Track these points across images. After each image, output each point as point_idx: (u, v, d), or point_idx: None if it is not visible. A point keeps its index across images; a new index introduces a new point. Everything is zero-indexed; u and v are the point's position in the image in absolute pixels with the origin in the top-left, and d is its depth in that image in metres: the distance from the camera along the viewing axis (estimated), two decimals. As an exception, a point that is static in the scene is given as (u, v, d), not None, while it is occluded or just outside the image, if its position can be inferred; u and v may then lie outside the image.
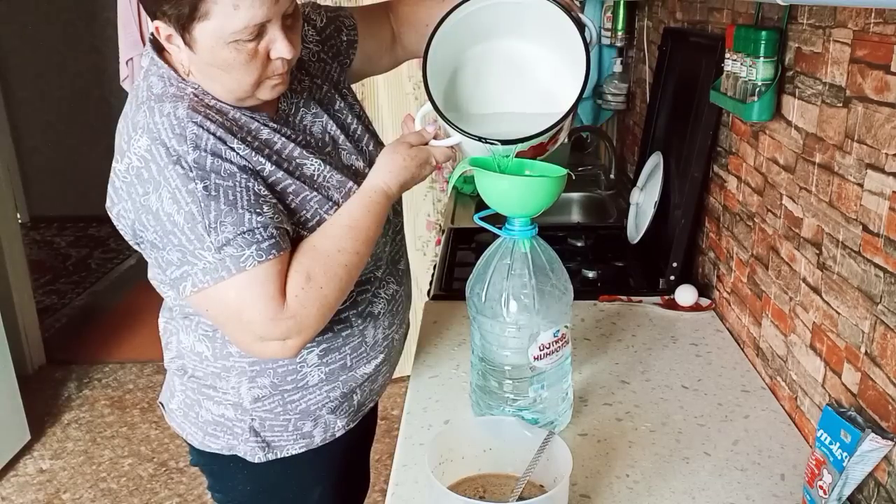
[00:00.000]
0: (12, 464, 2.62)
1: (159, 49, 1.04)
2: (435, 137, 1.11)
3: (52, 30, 5.00)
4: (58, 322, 3.78)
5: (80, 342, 3.55)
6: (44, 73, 5.08)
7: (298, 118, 1.13)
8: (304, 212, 1.04)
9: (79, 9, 4.93)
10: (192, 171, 0.94)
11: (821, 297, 1.08)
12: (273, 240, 0.97)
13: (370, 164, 1.13)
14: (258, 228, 0.96)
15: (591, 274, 1.76)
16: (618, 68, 2.56)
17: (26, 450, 2.70)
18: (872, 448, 0.87)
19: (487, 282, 1.07)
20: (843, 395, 1.02)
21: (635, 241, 1.83)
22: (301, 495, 1.23)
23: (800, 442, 1.13)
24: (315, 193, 1.05)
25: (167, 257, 0.97)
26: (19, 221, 3.48)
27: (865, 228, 0.95)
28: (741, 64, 1.26)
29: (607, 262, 1.83)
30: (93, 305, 3.99)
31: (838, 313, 1.03)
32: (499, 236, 1.08)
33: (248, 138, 1.02)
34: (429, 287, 1.76)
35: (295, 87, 1.13)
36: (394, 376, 1.34)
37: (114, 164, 1.00)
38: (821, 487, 0.92)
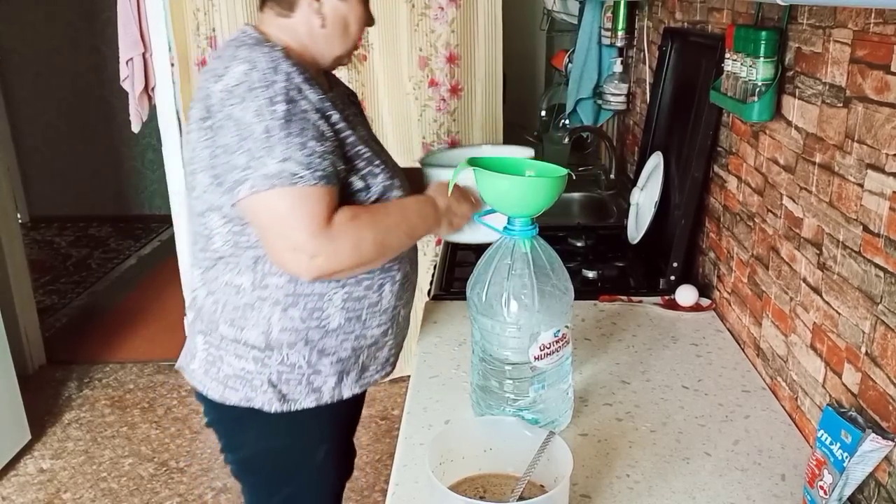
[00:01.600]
0: (12, 464, 2.62)
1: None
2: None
3: (52, 30, 5.00)
4: (58, 322, 3.77)
5: (80, 342, 3.55)
6: (44, 73, 5.08)
7: (340, 103, 1.30)
8: (358, 161, 1.20)
9: (79, 9, 4.93)
10: (278, 96, 1.10)
11: (821, 297, 1.08)
12: (326, 171, 1.11)
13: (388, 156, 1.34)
14: (317, 157, 1.10)
15: (591, 274, 1.76)
16: (618, 68, 2.56)
17: (27, 450, 2.70)
18: (873, 448, 0.87)
19: (488, 282, 1.07)
20: (843, 395, 1.02)
21: (635, 241, 1.83)
22: (309, 452, 1.34)
23: (800, 442, 1.13)
24: (366, 148, 1.22)
25: (234, 161, 1.10)
26: (19, 221, 3.48)
27: (866, 228, 0.95)
28: (741, 64, 1.26)
29: (607, 262, 1.83)
30: (93, 305, 3.98)
31: (839, 313, 1.03)
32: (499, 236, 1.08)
33: (322, 91, 1.19)
34: (429, 287, 1.76)
35: (339, 94, 1.35)
36: (394, 376, 1.36)
37: (211, 86, 1.14)
38: (821, 488, 0.92)
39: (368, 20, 1.27)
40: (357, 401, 1.44)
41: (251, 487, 1.41)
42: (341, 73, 2.65)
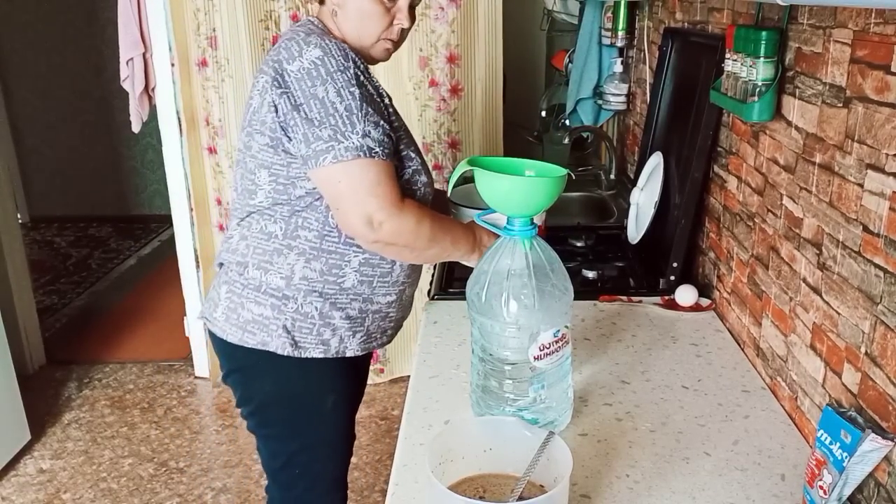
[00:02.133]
0: (12, 464, 2.62)
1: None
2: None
3: (52, 30, 5.00)
4: (58, 322, 3.78)
5: (80, 342, 3.55)
6: (44, 73, 5.08)
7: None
8: (400, 144, 1.33)
9: (79, 9, 4.93)
10: (353, 80, 1.24)
11: (821, 297, 1.08)
12: (390, 150, 1.27)
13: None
14: (386, 136, 1.26)
15: (591, 274, 1.76)
16: (618, 68, 2.56)
17: (26, 450, 2.70)
18: (872, 448, 0.87)
19: (487, 282, 1.07)
20: (843, 395, 1.02)
21: (635, 241, 1.83)
22: (319, 399, 1.44)
23: (800, 442, 1.13)
24: (404, 133, 1.36)
25: (319, 133, 1.23)
26: (19, 221, 3.48)
27: (865, 228, 0.95)
28: (741, 64, 1.26)
29: (607, 262, 1.83)
30: (93, 305, 3.98)
31: (838, 313, 1.03)
32: (499, 236, 1.08)
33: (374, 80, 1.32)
34: (429, 287, 1.76)
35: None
36: (394, 376, 1.37)
37: (286, 65, 1.25)
38: (821, 487, 0.92)
39: (382, 12, 1.31)
40: (360, 375, 1.57)
41: (265, 441, 1.50)
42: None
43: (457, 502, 0.85)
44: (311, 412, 1.44)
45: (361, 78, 1.26)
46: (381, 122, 1.25)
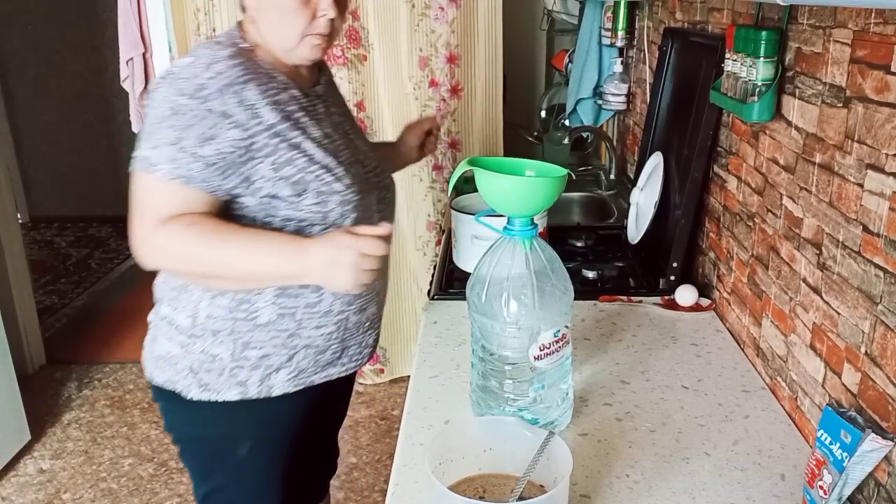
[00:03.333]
0: (12, 464, 2.62)
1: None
2: None
3: (52, 30, 4.99)
4: (58, 322, 3.77)
5: (80, 342, 3.55)
6: (44, 73, 5.07)
7: (326, 102, 1.31)
8: (290, 167, 1.16)
9: (79, 9, 4.93)
10: (189, 89, 1.10)
11: (821, 297, 1.08)
12: (189, 174, 1.10)
13: (370, 165, 1.34)
14: (186, 155, 1.09)
15: (591, 274, 1.76)
16: (618, 68, 2.56)
17: (26, 450, 2.70)
18: (872, 448, 0.87)
19: (487, 282, 1.07)
20: (843, 395, 1.02)
21: (635, 242, 1.83)
22: (229, 444, 1.31)
23: (800, 442, 1.13)
24: (300, 154, 1.17)
25: (139, 139, 1.13)
26: (19, 221, 3.48)
27: (865, 228, 0.95)
28: (741, 64, 1.26)
29: (607, 262, 1.83)
30: (93, 305, 3.98)
31: (838, 313, 1.03)
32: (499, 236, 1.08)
33: (271, 92, 1.16)
34: (429, 287, 1.76)
35: (331, 89, 1.37)
36: (394, 376, 1.36)
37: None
38: (821, 487, 0.92)
39: (300, 5, 1.17)
40: (330, 397, 1.42)
41: (189, 472, 1.41)
42: (341, 73, 2.66)
43: (457, 502, 0.86)
44: (223, 457, 1.32)
45: (207, 91, 1.09)
46: (190, 141, 1.09)
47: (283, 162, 1.16)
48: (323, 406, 1.42)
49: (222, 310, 1.21)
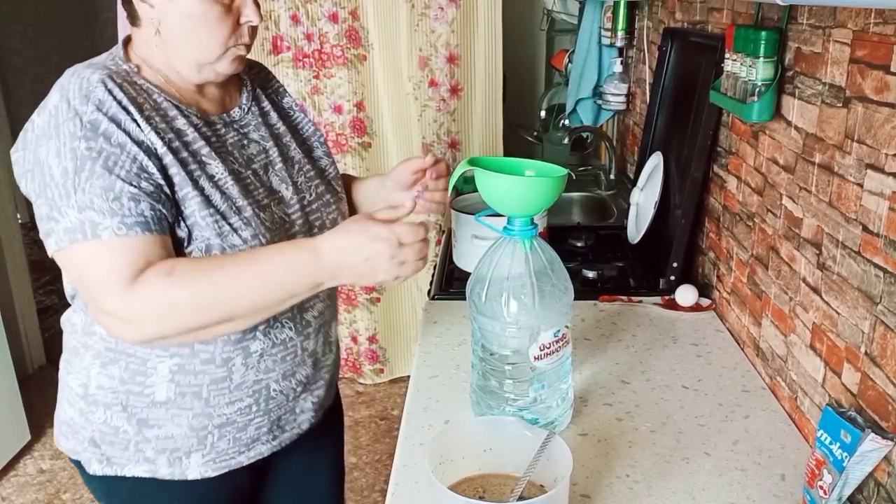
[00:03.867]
0: (12, 464, 2.62)
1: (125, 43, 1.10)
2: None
3: (52, 30, 5.00)
4: (58, 322, 3.77)
5: (80, 342, 3.55)
6: (44, 74, 5.07)
7: (243, 129, 1.12)
8: (184, 207, 1.00)
9: (79, 9, 4.93)
10: (81, 130, 0.94)
11: (821, 297, 1.08)
12: (141, 217, 0.94)
13: (298, 197, 1.13)
14: (126, 200, 0.93)
15: (591, 274, 1.76)
16: (618, 68, 2.56)
17: (26, 450, 2.70)
18: (872, 448, 0.87)
19: (488, 282, 1.07)
20: (843, 395, 1.02)
21: (635, 242, 1.83)
22: None
23: (800, 442, 1.13)
24: (196, 192, 0.99)
25: (39, 211, 0.96)
26: (19, 221, 3.48)
27: (865, 228, 0.95)
28: (741, 64, 1.26)
29: (607, 262, 1.83)
30: (93, 305, 3.98)
31: (838, 313, 1.03)
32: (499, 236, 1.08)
33: (157, 118, 1.00)
34: (429, 287, 1.76)
35: (252, 104, 1.16)
36: (394, 376, 1.33)
37: (34, 115, 1.00)
38: (821, 487, 0.92)
39: (222, 13, 1.01)
40: (251, 477, 1.17)
41: None
42: (341, 73, 2.66)
43: (457, 502, 0.86)
44: None
45: (102, 125, 0.94)
46: (119, 183, 0.93)
47: (179, 197, 0.99)
48: (282, 482, 1.26)
49: (114, 380, 1.05)
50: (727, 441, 1.13)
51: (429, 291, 1.73)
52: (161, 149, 0.98)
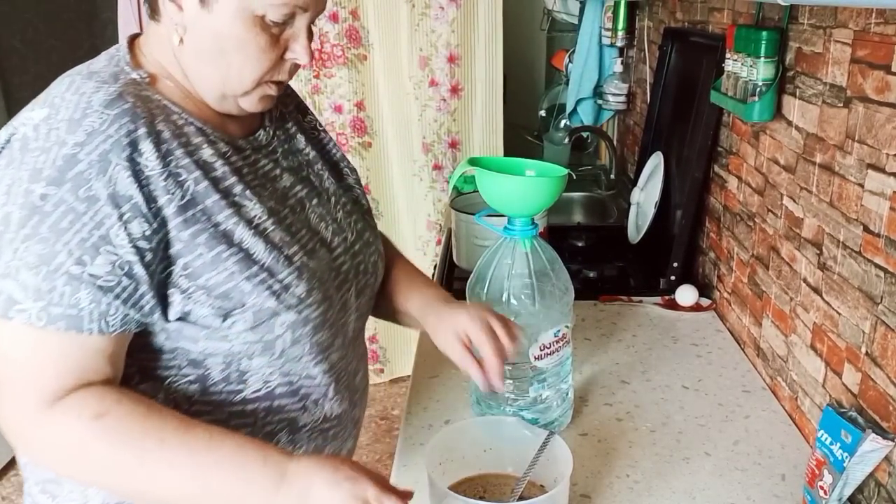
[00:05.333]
0: (12, 464, 2.62)
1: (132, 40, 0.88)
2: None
3: (52, 30, 5.00)
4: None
5: (80, 342, 3.55)
6: (44, 74, 5.07)
7: (272, 155, 0.91)
8: (215, 272, 0.77)
9: (79, 9, 4.93)
10: (48, 169, 0.72)
11: (821, 297, 1.08)
12: (74, 310, 0.71)
13: (341, 237, 0.93)
14: (63, 281, 0.70)
15: (591, 274, 1.76)
16: (618, 68, 2.56)
17: (26, 449, 2.70)
18: (873, 448, 0.87)
19: (488, 281, 1.07)
20: (843, 395, 1.02)
21: (636, 242, 1.83)
22: None
23: (800, 442, 1.13)
24: (232, 251, 0.78)
25: None
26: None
27: (866, 229, 0.95)
28: (742, 64, 1.26)
29: (608, 262, 1.83)
30: (93, 305, 3.98)
31: (839, 313, 1.03)
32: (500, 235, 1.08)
33: (178, 153, 0.77)
34: (429, 287, 1.75)
35: (275, 124, 0.95)
36: (394, 376, 1.32)
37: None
38: (821, 488, 0.92)
39: (268, 44, 0.80)
40: None
41: None
42: (341, 73, 2.66)
43: (457, 502, 0.85)
44: None
45: (78, 166, 0.71)
46: (61, 253, 0.70)
47: (204, 264, 0.77)
48: None
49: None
50: (727, 441, 1.13)
51: (429, 291, 1.73)
52: (170, 207, 0.75)
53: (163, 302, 0.76)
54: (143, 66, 0.84)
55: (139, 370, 0.80)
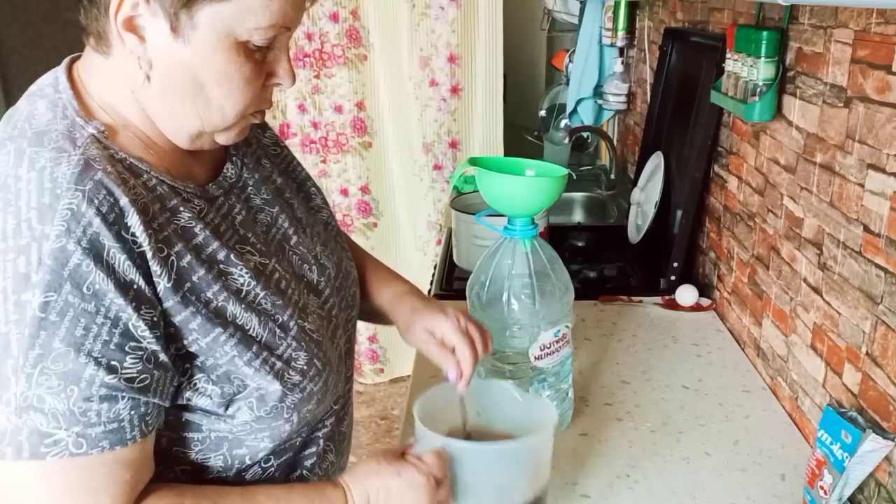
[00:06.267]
0: None
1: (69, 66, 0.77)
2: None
3: (52, 30, 5.00)
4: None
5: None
6: (43, 73, 5.07)
7: (243, 194, 0.81)
8: (211, 357, 0.69)
9: (79, 9, 4.93)
10: (38, 272, 0.59)
11: (821, 297, 1.08)
12: (115, 424, 0.62)
13: (325, 276, 0.86)
14: (98, 397, 0.61)
15: (591, 274, 1.76)
16: (618, 68, 2.56)
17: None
18: (873, 448, 0.87)
19: (488, 281, 1.07)
20: (843, 395, 1.02)
21: (636, 241, 1.83)
22: None
23: (800, 442, 1.13)
24: (228, 333, 0.69)
25: None
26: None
27: (866, 228, 0.95)
28: (742, 64, 1.26)
29: (608, 262, 1.83)
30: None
31: (839, 313, 1.03)
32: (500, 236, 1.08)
33: (159, 221, 0.67)
34: (429, 287, 1.76)
35: (241, 152, 0.84)
36: (394, 376, 1.31)
37: None
38: (821, 488, 0.92)
39: (252, 80, 0.70)
40: None
41: None
42: (342, 73, 2.66)
43: (438, 440, 0.82)
44: None
45: (72, 259, 0.60)
46: (89, 366, 0.61)
47: (200, 349, 0.69)
48: None
49: None
50: (727, 441, 1.13)
51: (429, 291, 1.73)
52: (160, 288, 0.65)
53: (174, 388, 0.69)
54: (93, 114, 0.70)
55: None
